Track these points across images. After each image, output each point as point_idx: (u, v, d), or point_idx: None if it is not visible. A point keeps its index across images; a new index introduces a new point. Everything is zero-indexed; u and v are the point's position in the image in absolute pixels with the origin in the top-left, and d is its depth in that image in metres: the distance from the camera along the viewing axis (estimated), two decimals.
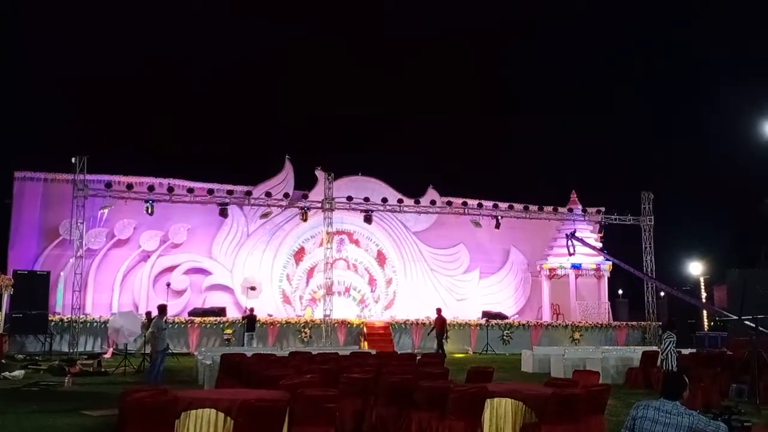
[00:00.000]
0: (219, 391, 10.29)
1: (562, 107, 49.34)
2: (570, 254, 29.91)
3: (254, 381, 10.72)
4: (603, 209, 32.94)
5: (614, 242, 31.43)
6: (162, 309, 15.69)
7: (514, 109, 47.54)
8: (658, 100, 50.05)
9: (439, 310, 25.04)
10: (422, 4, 47.83)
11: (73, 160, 24.68)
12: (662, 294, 35.02)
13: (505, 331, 29.20)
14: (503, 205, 30.54)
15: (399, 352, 18.98)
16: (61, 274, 26.85)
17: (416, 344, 27.72)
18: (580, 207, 32.43)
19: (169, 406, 7.52)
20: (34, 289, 23.62)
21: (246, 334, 24.40)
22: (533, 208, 31.15)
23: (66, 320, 24.21)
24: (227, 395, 8.38)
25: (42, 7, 40.99)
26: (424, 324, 28.43)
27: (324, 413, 8.15)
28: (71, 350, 22.96)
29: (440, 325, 24.16)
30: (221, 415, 7.68)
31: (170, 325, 21.96)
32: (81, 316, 24.14)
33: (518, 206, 30.89)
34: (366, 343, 26.09)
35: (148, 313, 20.99)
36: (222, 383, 13.25)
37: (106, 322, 23.35)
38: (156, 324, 15.36)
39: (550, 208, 31.88)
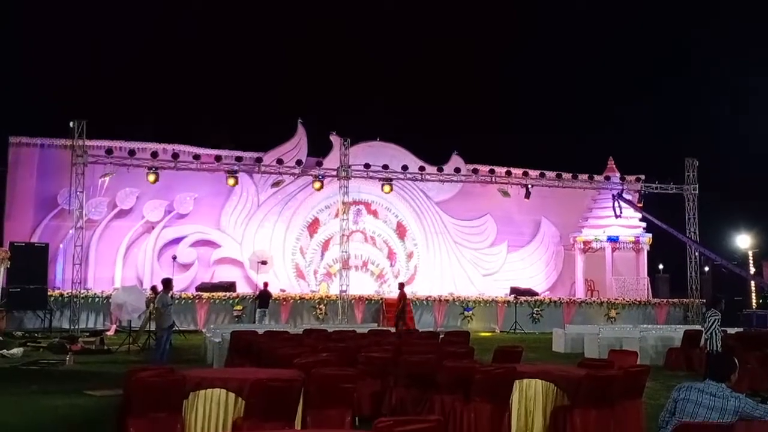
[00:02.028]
0: (229, 371, 10.42)
1: (599, 67, 48.72)
2: (617, 216, 29.78)
3: (266, 360, 10.82)
4: (643, 177, 32.59)
5: (655, 212, 31.18)
6: (167, 283, 15.83)
7: (546, 69, 47.06)
8: (705, 60, 49.23)
9: (401, 286, 25.22)
10: None
11: (71, 124, 24.82)
12: (707, 269, 34.81)
13: (535, 309, 29.23)
14: (534, 173, 30.25)
15: (420, 330, 19.05)
16: (61, 246, 27.18)
17: (439, 322, 27.85)
18: (618, 175, 32.10)
19: (176, 386, 7.61)
20: (31, 263, 23.96)
21: (258, 310, 24.65)
22: (567, 176, 30.79)
23: (66, 295, 24.55)
24: (238, 375, 8.47)
25: None
26: (447, 300, 28.61)
27: (341, 394, 8.23)
28: (72, 327, 23.33)
29: (398, 303, 24.45)
30: (232, 395, 7.77)
31: (177, 301, 22.14)
32: (82, 291, 24.47)
33: (550, 174, 30.53)
34: (385, 321, 26.27)
35: (154, 288, 21.24)
36: (232, 362, 13.42)
37: (108, 298, 23.63)
38: (161, 299, 15.51)
39: (585, 176, 31.58)
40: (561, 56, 48.04)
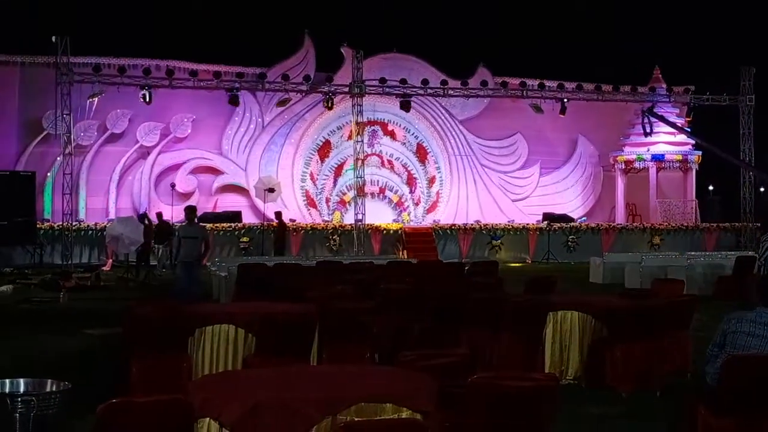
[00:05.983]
0: (237, 305, 10.57)
1: None
2: (646, 134, 29.46)
3: (277, 294, 10.98)
4: (693, 88, 32.14)
5: (706, 127, 30.81)
6: (186, 211, 14.77)
7: None
8: None
9: (278, 214, 25.66)
10: None
11: (53, 39, 24.65)
12: (762, 189, 34.58)
13: (571, 236, 29.27)
14: (570, 86, 29.88)
15: (444, 261, 19.22)
16: (48, 174, 27.38)
17: (464, 252, 28.01)
18: (664, 85, 31.68)
19: (181, 322, 7.78)
20: (17, 193, 24.13)
21: (156, 247, 22.47)
22: (607, 88, 30.37)
23: (57, 228, 24.82)
24: (247, 309, 8.62)
25: None
26: (473, 229, 28.71)
27: (358, 329, 8.37)
28: (64, 262, 23.59)
29: (279, 233, 24.91)
30: (241, 331, 7.94)
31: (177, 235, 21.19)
32: (74, 224, 24.73)
33: (588, 86, 30.13)
34: (405, 252, 26.43)
35: (153, 217, 21.36)
36: (240, 297, 13.60)
37: (103, 230, 23.94)
38: (178, 230, 15.23)
39: (627, 88, 31.20)
40: None
